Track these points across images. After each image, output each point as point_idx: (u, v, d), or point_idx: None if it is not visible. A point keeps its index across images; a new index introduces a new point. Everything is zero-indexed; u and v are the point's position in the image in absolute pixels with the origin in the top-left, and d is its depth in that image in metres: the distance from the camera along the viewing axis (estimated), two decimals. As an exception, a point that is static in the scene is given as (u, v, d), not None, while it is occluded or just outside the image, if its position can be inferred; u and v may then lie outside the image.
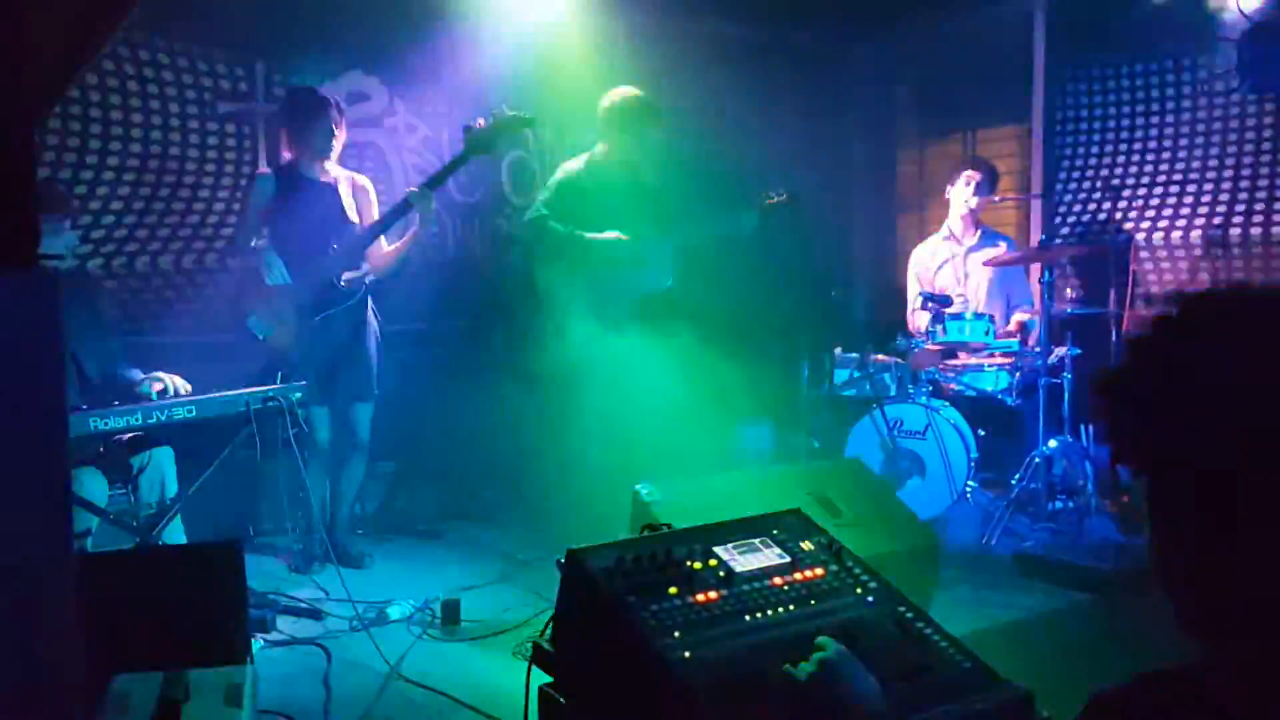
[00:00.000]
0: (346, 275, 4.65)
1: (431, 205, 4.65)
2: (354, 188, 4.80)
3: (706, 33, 6.48)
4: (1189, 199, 5.98)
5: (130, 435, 3.80)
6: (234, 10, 5.29)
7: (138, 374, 3.99)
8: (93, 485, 3.77)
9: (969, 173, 5.80)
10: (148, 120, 5.24)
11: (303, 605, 4.16)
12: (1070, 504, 5.00)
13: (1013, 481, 5.04)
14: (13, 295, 1.34)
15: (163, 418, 3.56)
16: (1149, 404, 1.13)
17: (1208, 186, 5.91)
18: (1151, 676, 1.10)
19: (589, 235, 4.84)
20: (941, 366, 5.46)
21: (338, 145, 4.70)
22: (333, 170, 4.75)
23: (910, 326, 5.96)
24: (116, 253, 5.17)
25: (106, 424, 3.47)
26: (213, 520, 4.45)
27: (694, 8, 6.30)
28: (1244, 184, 5.78)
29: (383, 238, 4.74)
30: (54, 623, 1.37)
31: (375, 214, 4.80)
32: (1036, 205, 6.55)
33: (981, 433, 5.30)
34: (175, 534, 3.96)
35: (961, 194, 5.78)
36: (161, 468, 4.04)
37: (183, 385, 3.94)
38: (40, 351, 1.37)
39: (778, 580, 2.15)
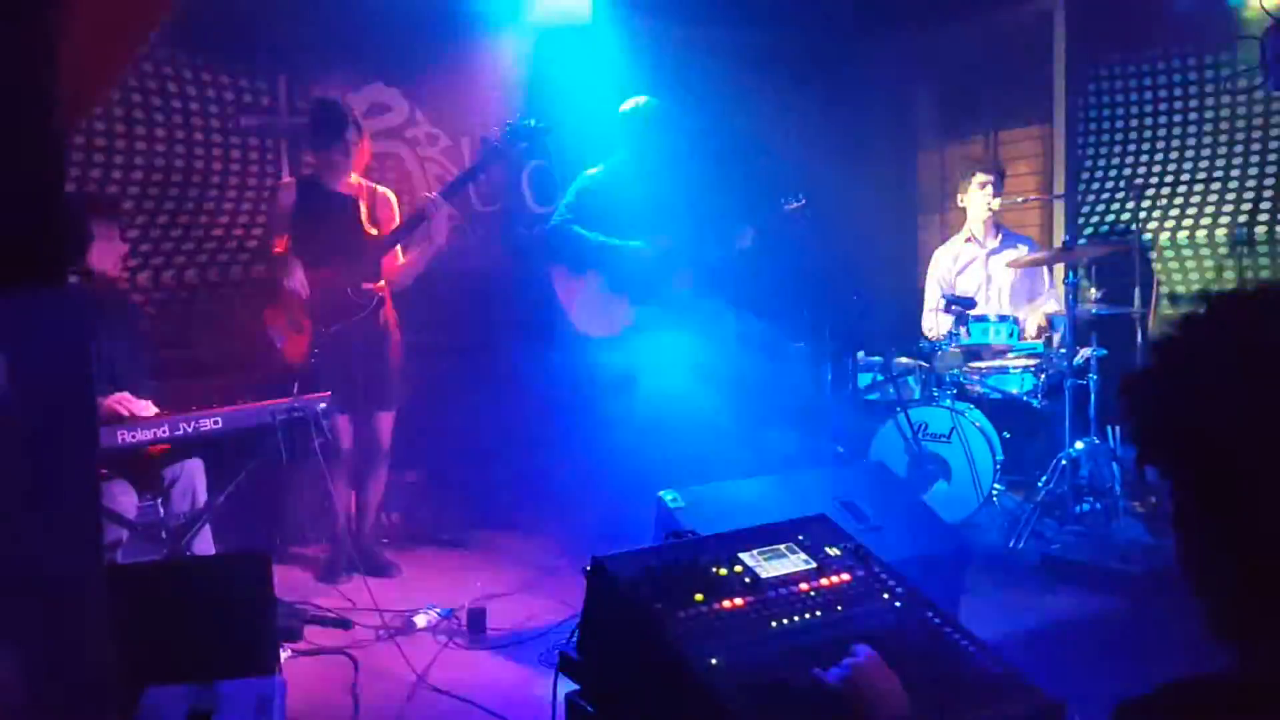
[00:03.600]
0: (363, 285, 4.67)
1: (445, 213, 4.66)
2: (376, 199, 4.82)
3: (725, 37, 6.49)
4: (1213, 198, 5.93)
5: (161, 448, 3.83)
6: (256, 24, 5.33)
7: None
8: (123, 498, 3.80)
9: (980, 176, 5.77)
10: (171, 134, 5.28)
11: (330, 615, 4.18)
12: (1098, 506, 4.96)
13: (1039, 484, 5.01)
14: (44, 312, 1.36)
15: (189, 430, 3.59)
16: (1175, 405, 1.12)
17: (1231, 185, 5.86)
18: (1178, 685, 1.09)
19: (613, 241, 4.86)
20: (966, 369, 5.44)
21: (356, 161, 4.73)
22: (355, 181, 4.78)
23: (924, 328, 5.93)
24: (143, 266, 5.21)
25: (135, 437, 3.50)
26: (240, 531, 4.47)
27: (713, 13, 6.31)
28: (1268, 182, 5.72)
29: (399, 249, 4.76)
30: (85, 635, 1.38)
31: (396, 225, 4.83)
32: (1059, 206, 6.51)
33: (1007, 435, 5.27)
34: (204, 545, 3.99)
35: (979, 198, 5.75)
36: (192, 479, 4.07)
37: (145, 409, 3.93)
38: (70, 367, 1.39)
39: (804, 586, 2.14)
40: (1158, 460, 1.15)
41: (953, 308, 5.34)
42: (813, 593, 2.12)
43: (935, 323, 5.70)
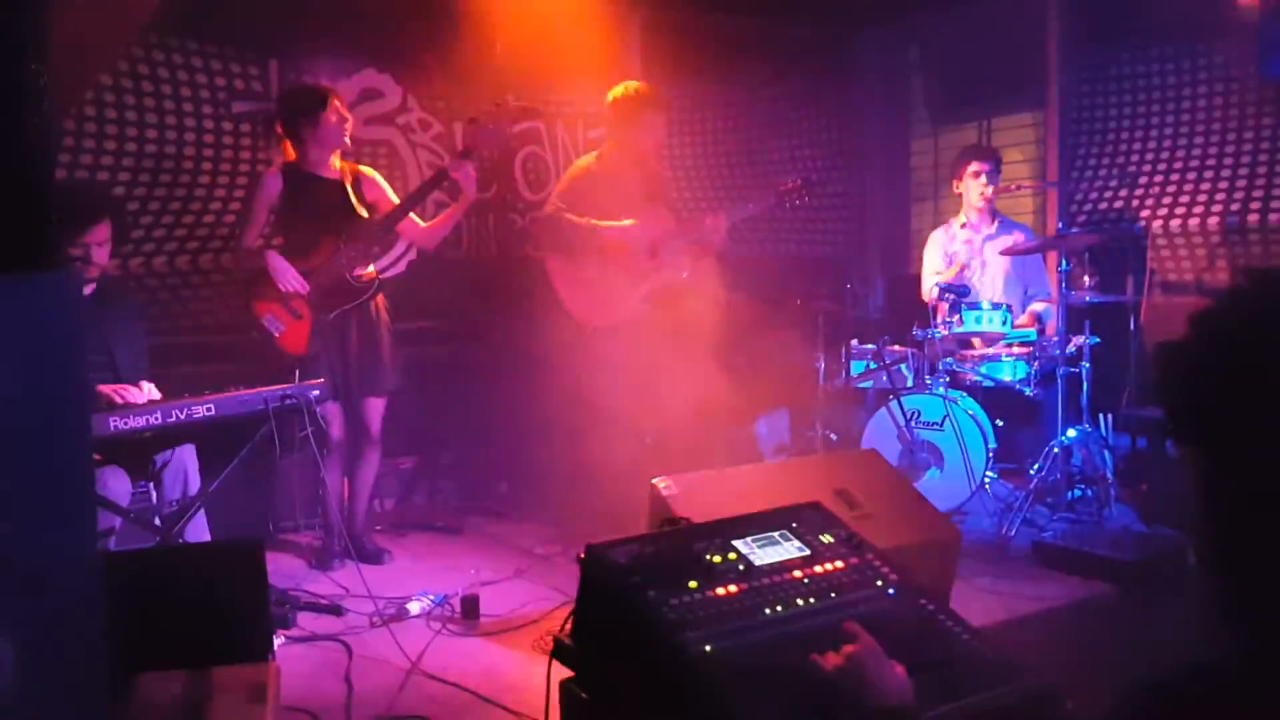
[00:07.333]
0: (357, 270, 4.65)
1: (469, 169, 4.60)
2: (361, 181, 4.76)
3: (719, 24, 6.47)
4: (1206, 186, 5.93)
5: (153, 433, 3.82)
6: (248, 9, 5.31)
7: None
8: (115, 484, 3.79)
9: (975, 165, 5.76)
10: (163, 119, 5.26)
11: (323, 602, 4.18)
12: (1090, 493, 4.97)
13: (1031, 472, 5.02)
14: (35, 297, 1.35)
15: (182, 417, 3.58)
16: (1211, 381, 1.11)
17: (1224, 173, 5.87)
18: (1193, 666, 1.08)
19: (605, 224, 4.85)
20: (959, 357, 5.44)
21: (327, 137, 4.64)
22: (338, 165, 4.72)
23: (924, 292, 5.86)
24: (134, 252, 5.19)
25: (127, 424, 3.49)
26: (232, 518, 4.46)
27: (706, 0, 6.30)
28: (1261, 170, 5.73)
29: (416, 216, 4.73)
30: (78, 622, 1.38)
31: (390, 198, 4.78)
32: (1053, 194, 6.52)
33: (1000, 423, 5.27)
34: (198, 531, 3.99)
35: (974, 187, 5.75)
36: (184, 465, 4.06)
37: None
38: (62, 352, 1.38)
39: (797, 573, 2.14)
40: (1188, 433, 1.13)
41: (946, 295, 5.34)
42: (806, 580, 2.13)
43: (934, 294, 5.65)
